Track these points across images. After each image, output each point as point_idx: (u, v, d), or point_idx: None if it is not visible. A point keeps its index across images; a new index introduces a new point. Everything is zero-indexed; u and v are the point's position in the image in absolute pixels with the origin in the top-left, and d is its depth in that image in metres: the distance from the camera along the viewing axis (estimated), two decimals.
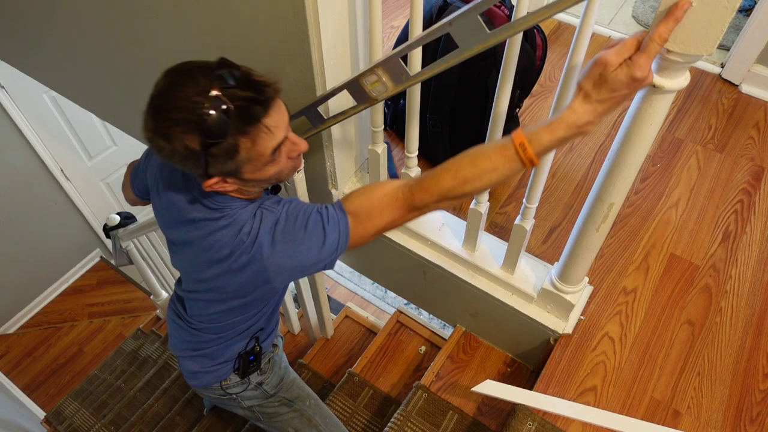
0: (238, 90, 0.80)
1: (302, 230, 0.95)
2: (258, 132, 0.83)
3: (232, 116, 0.79)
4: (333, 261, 0.98)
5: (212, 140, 0.80)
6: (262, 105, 0.82)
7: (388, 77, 0.99)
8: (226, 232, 0.96)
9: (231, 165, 0.86)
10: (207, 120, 0.79)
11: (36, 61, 1.95)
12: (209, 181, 0.89)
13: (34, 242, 3.57)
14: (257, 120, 0.82)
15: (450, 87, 1.51)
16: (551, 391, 1.30)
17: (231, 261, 0.97)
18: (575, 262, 1.22)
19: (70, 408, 2.68)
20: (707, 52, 0.70)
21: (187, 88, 0.80)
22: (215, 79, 0.80)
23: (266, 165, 0.89)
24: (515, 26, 0.82)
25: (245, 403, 1.35)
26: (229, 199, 0.97)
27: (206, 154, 0.82)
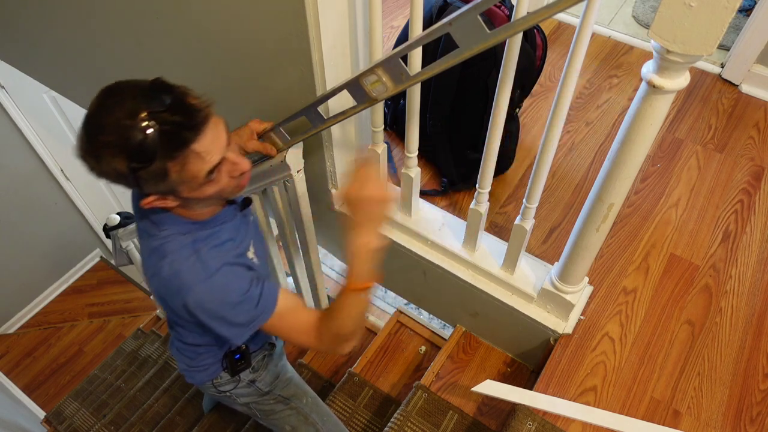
0: (167, 114, 0.78)
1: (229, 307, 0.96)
2: (187, 157, 0.81)
3: (160, 141, 0.78)
4: (242, 335, 1.00)
5: (139, 164, 0.79)
6: (191, 130, 0.80)
7: (388, 77, 0.99)
8: (152, 258, 0.97)
9: (163, 186, 0.85)
10: (134, 144, 0.77)
11: (36, 61, 1.95)
12: (146, 199, 0.88)
13: (34, 242, 3.57)
14: (185, 145, 0.80)
15: (450, 87, 1.51)
16: (551, 391, 1.30)
17: (152, 287, 0.98)
18: (575, 262, 1.22)
19: (70, 408, 2.68)
20: (707, 52, 0.70)
21: (117, 111, 0.78)
22: (145, 102, 0.78)
23: (203, 186, 0.88)
24: (515, 26, 0.82)
25: (241, 400, 1.36)
26: (171, 218, 0.96)
27: (135, 176, 0.81)
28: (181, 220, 0.97)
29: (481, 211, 1.31)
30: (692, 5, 0.67)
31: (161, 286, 0.97)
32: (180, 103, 0.80)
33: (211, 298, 0.95)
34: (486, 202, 1.31)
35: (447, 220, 1.52)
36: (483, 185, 1.25)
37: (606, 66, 2.12)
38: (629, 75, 2.08)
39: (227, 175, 0.91)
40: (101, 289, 3.94)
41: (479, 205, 1.31)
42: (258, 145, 1.26)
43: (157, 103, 0.78)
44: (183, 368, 1.29)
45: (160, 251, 0.96)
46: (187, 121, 0.80)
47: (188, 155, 0.81)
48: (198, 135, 0.81)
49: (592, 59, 2.14)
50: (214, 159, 0.85)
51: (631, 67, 2.12)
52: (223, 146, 0.87)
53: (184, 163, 0.82)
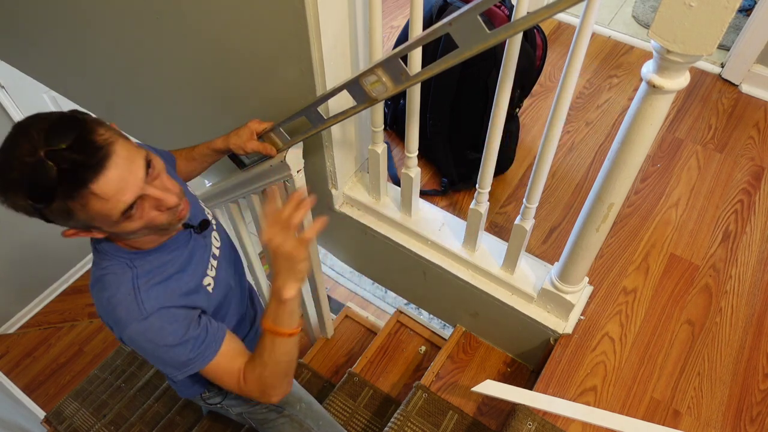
0: (67, 152, 0.74)
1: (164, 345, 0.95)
2: (87, 198, 0.77)
3: (58, 180, 0.74)
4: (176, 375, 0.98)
5: (38, 203, 0.77)
6: (90, 169, 0.76)
7: (388, 77, 0.99)
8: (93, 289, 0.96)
9: (74, 223, 0.82)
10: (32, 182, 0.75)
11: (36, 61, 1.95)
12: (67, 231, 0.85)
13: (34, 242, 3.57)
14: (83, 186, 0.76)
15: (450, 87, 1.51)
16: (551, 391, 1.30)
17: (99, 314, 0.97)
18: (575, 262, 1.22)
19: (70, 408, 2.68)
20: (707, 52, 0.70)
21: (21, 147, 0.75)
22: (48, 138, 0.74)
23: (120, 223, 0.83)
24: (515, 26, 0.82)
25: (233, 411, 1.36)
26: (113, 248, 0.95)
27: (41, 214, 0.79)
28: (124, 251, 0.95)
29: (481, 211, 1.31)
30: (692, 5, 0.67)
31: (102, 314, 0.96)
32: (82, 141, 0.76)
33: (145, 339, 0.93)
34: (486, 202, 1.31)
35: (447, 220, 1.52)
36: (483, 185, 1.25)
37: (606, 66, 2.12)
38: (629, 75, 2.08)
39: (152, 209, 0.86)
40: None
41: (479, 205, 1.31)
42: (258, 145, 1.26)
43: (60, 140, 0.75)
44: (170, 384, 1.29)
45: (101, 282, 0.95)
46: (85, 160, 0.75)
47: (88, 196, 0.77)
48: (97, 175, 0.76)
49: (592, 59, 2.14)
50: (126, 198, 0.80)
51: (631, 67, 2.12)
52: (137, 183, 0.81)
53: (84, 204, 0.78)
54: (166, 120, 1.86)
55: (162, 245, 0.99)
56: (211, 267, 1.09)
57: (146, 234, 0.92)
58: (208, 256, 1.10)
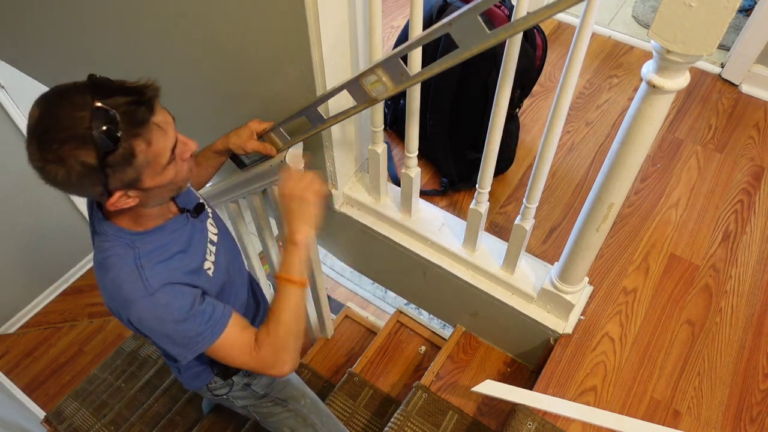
0: (117, 97, 0.80)
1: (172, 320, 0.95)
2: (150, 132, 0.83)
3: (120, 122, 0.79)
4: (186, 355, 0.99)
5: (107, 149, 0.79)
6: (146, 105, 0.82)
7: (388, 77, 0.99)
8: (97, 269, 0.98)
9: (131, 173, 0.84)
10: (96, 131, 0.77)
11: (36, 61, 1.95)
12: (111, 198, 0.87)
13: (34, 242, 3.57)
14: (146, 120, 0.82)
15: (450, 87, 1.51)
16: (551, 391, 1.30)
17: (105, 299, 0.98)
18: (575, 262, 1.22)
19: (71, 408, 2.68)
20: (707, 52, 0.70)
21: (66, 108, 0.78)
22: (91, 92, 0.79)
23: (165, 168, 0.88)
24: (515, 26, 0.82)
25: (238, 403, 1.36)
26: (115, 229, 0.96)
27: (104, 165, 0.80)
28: (126, 232, 0.96)
29: (481, 211, 1.31)
30: (692, 5, 0.67)
31: (108, 299, 0.97)
32: (124, 87, 0.82)
33: (152, 316, 0.94)
34: (486, 202, 1.31)
35: (447, 220, 1.52)
36: (483, 185, 1.25)
37: (606, 66, 2.12)
38: (629, 75, 2.08)
39: (179, 157, 0.92)
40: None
41: (479, 205, 1.31)
42: (258, 145, 1.26)
43: (103, 92, 0.79)
44: (177, 375, 1.30)
45: (104, 265, 0.95)
46: (140, 98, 0.82)
47: (152, 129, 0.83)
48: (152, 109, 0.83)
49: (592, 59, 2.14)
50: (172, 134, 0.88)
51: (631, 67, 2.12)
52: (173, 125, 0.90)
53: (149, 140, 0.83)
54: None
55: (161, 226, 1.00)
56: (209, 252, 1.10)
57: (165, 198, 0.96)
58: (205, 241, 1.11)
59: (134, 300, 0.93)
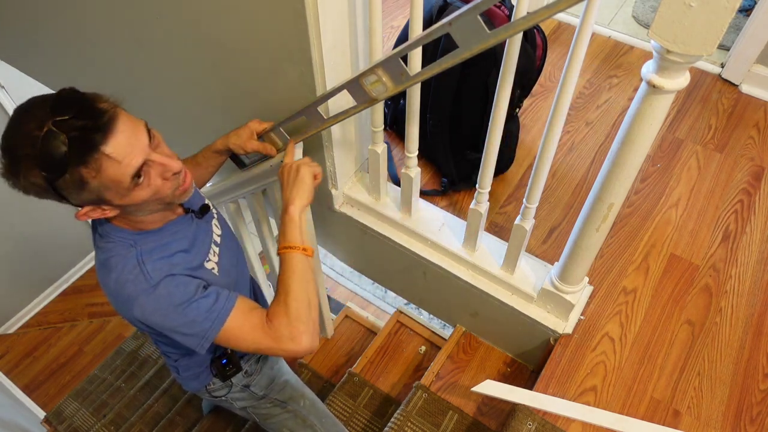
0: (73, 120, 0.77)
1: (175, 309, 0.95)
2: (100, 161, 0.79)
3: (69, 147, 0.77)
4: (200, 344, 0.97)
5: (52, 174, 0.78)
6: (98, 132, 0.79)
7: (388, 77, 0.99)
8: (100, 273, 0.97)
9: (87, 195, 0.83)
10: (43, 154, 0.76)
11: (36, 61, 1.95)
12: (81, 210, 0.87)
13: (34, 242, 3.57)
14: (95, 149, 0.78)
15: (450, 87, 1.51)
16: (551, 391, 1.30)
17: (109, 299, 0.97)
18: (575, 262, 1.22)
19: (71, 408, 2.68)
20: (707, 52, 0.70)
21: (26, 124, 0.78)
22: (52, 111, 0.77)
23: (131, 191, 0.85)
24: (515, 26, 0.82)
25: (237, 404, 1.36)
26: (116, 230, 0.95)
27: (54, 187, 0.80)
28: (127, 232, 0.96)
29: (481, 211, 1.31)
30: (692, 5, 0.67)
31: (112, 299, 0.97)
32: (85, 108, 0.79)
33: (157, 308, 0.94)
34: (486, 202, 1.31)
35: (447, 220, 1.52)
36: (483, 185, 1.25)
37: (606, 66, 2.12)
38: (629, 75, 2.08)
39: (158, 177, 0.89)
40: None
41: (479, 205, 1.31)
42: (258, 145, 1.26)
43: (64, 111, 0.78)
44: (176, 377, 1.30)
45: (106, 265, 0.95)
46: (93, 124, 0.78)
47: (100, 159, 0.79)
48: (107, 137, 0.79)
49: (592, 59, 2.14)
50: (135, 162, 0.83)
51: (631, 67, 2.12)
52: (143, 148, 0.84)
53: (98, 168, 0.80)
54: (167, 120, 1.86)
55: (163, 227, 1.00)
56: (213, 253, 1.10)
57: (153, 209, 0.94)
58: (209, 242, 1.11)
59: (137, 295, 0.93)
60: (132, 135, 0.83)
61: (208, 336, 0.96)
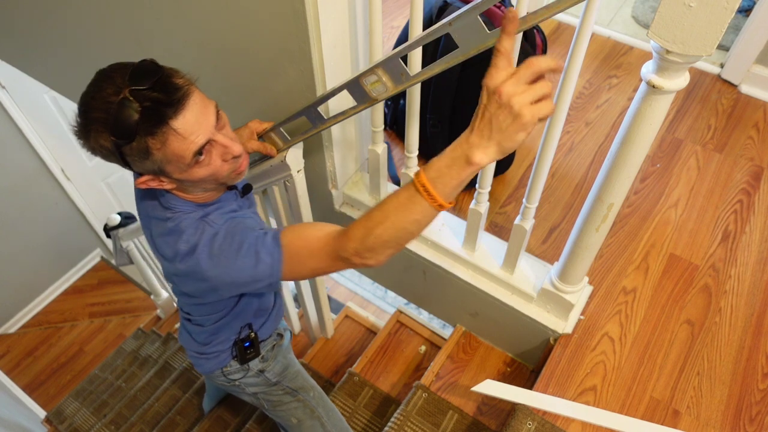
0: (148, 91, 0.80)
1: (236, 251, 0.94)
2: (167, 135, 0.82)
3: (140, 117, 0.80)
4: (272, 284, 0.96)
5: (121, 140, 0.81)
6: (170, 107, 0.81)
7: (388, 77, 0.99)
8: (169, 239, 0.97)
9: (150, 165, 0.86)
10: (116, 120, 0.80)
11: (36, 61, 1.95)
12: (141, 178, 0.90)
13: (34, 242, 3.57)
14: (164, 122, 0.81)
15: (450, 87, 1.51)
16: (551, 391, 1.30)
17: (175, 266, 0.98)
18: (575, 262, 1.23)
19: (71, 407, 2.69)
20: (707, 52, 0.71)
21: (104, 89, 0.81)
22: (131, 80, 0.80)
23: (191, 167, 0.88)
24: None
25: (249, 390, 1.36)
26: (177, 200, 0.97)
27: (121, 153, 0.83)
28: (191, 204, 0.98)
29: (481, 211, 1.32)
30: (692, 5, 0.67)
31: (183, 264, 0.96)
32: (162, 82, 0.82)
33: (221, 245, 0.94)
34: (486, 202, 1.31)
35: (447, 220, 1.53)
36: (483, 185, 1.25)
37: (606, 66, 2.12)
38: (629, 75, 2.09)
39: (219, 158, 0.91)
40: (101, 289, 3.94)
41: (479, 205, 1.31)
42: (258, 145, 1.26)
43: (142, 80, 0.80)
44: (192, 356, 1.30)
45: (176, 231, 0.96)
46: (166, 98, 0.81)
47: (168, 133, 0.82)
48: (177, 112, 0.82)
49: (592, 59, 2.14)
50: (199, 140, 0.85)
51: (631, 67, 2.12)
52: (209, 128, 0.87)
53: (164, 141, 0.82)
54: None
55: (217, 200, 1.02)
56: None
57: (207, 187, 0.96)
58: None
59: (205, 241, 0.94)
60: (201, 114, 0.85)
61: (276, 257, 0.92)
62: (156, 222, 1.00)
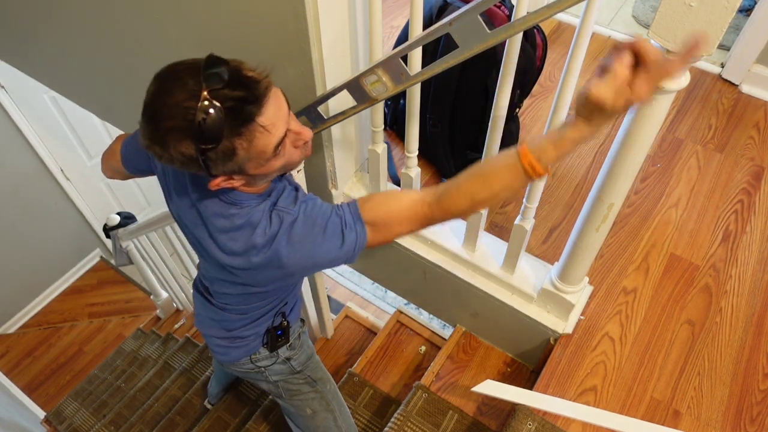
0: (228, 90, 0.77)
1: (321, 234, 0.94)
2: (253, 132, 0.80)
3: (225, 119, 0.77)
4: (351, 259, 0.97)
5: (206, 145, 0.78)
6: (254, 104, 0.79)
7: (388, 77, 0.99)
8: (239, 234, 0.95)
9: (232, 165, 0.83)
10: (199, 125, 0.76)
11: (36, 61, 1.95)
12: (214, 181, 0.87)
13: (34, 242, 3.57)
14: (251, 120, 0.79)
15: (450, 87, 1.51)
16: (551, 391, 1.30)
17: (248, 260, 0.96)
18: (575, 262, 1.22)
19: (70, 408, 2.69)
20: (707, 52, 0.70)
21: (177, 94, 0.77)
22: (204, 80, 0.77)
23: (269, 161, 0.86)
24: (515, 26, 0.82)
25: (272, 378, 1.36)
26: (241, 194, 0.96)
27: (204, 158, 0.80)
28: (254, 197, 0.97)
29: (481, 211, 1.31)
30: (692, 5, 0.67)
31: (258, 253, 0.95)
32: (238, 78, 0.78)
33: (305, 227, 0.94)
34: None
35: None
36: None
37: None
38: None
39: (291, 145, 0.89)
40: (101, 289, 3.94)
41: None
42: None
43: (216, 80, 0.77)
44: (220, 345, 1.28)
45: (248, 225, 0.95)
46: (249, 95, 0.78)
47: (254, 130, 0.80)
48: (261, 107, 0.79)
49: (592, 59, 2.14)
50: (280, 131, 0.83)
51: None
52: (286, 117, 0.85)
53: (251, 139, 0.80)
54: None
55: (272, 187, 1.01)
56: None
57: (273, 177, 0.95)
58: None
59: (284, 229, 0.93)
60: (277, 105, 0.83)
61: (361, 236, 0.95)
62: (217, 219, 0.97)
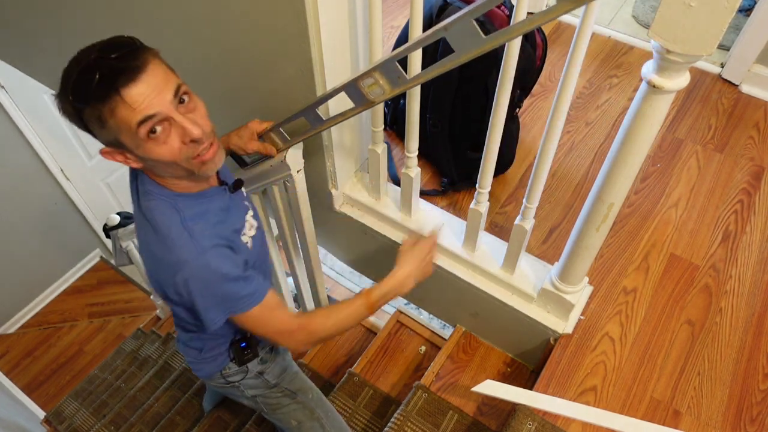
0: (112, 60, 0.81)
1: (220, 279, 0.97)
2: (116, 102, 0.82)
3: (95, 83, 0.81)
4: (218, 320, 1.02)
5: (77, 104, 0.83)
6: (124, 75, 0.81)
7: (385, 80, 0.99)
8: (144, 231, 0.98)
9: (107, 134, 0.86)
10: (75, 83, 0.82)
11: (36, 61, 1.95)
12: (104, 148, 0.91)
13: (34, 242, 3.57)
14: (115, 89, 0.81)
15: (450, 87, 1.51)
16: (551, 391, 1.30)
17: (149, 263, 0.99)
18: (575, 262, 1.22)
19: (70, 408, 2.68)
20: (707, 52, 0.70)
21: (80, 59, 0.83)
22: (102, 49, 0.82)
23: (146, 142, 0.86)
24: (511, 32, 0.82)
25: (248, 393, 1.36)
26: (157, 187, 0.98)
27: (82, 119, 0.85)
28: (168, 192, 0.98)
29: (481, 211, 1.31)
30: (692, 5, 0.67)
31: (153, 262, 0.97)
32: (127, 52, 0.83)
33: (208, 272, 0.95)
34: (486, 202, 1.31)
35: (447, 220, 1.52)
36: (483, 185, 1.25)
37: (606, 66, 2.12)
38: (629, 75, 2.08)
39: (178, 139, 0.89)
40: (101, 289, 3.94)
41: (479, 205, 1.31)
42: (258, 145, 1.26)
43: (110, 51, 0.82)
44: (191, 361, 1.30)
45: (150, 224, 0.96)
46: (123, 66, 0.81)
47: (117, 100, 0.82)
48: (128, 82, 0.81)
49: (592, 59, 2.14)
50: (146, 111, 0.83)
51: (631, 67, 2.12)
52: (164, 103, 0.85)
53: (113, 108, 0.82)
54: None
55: (202, 192, 1.01)
56: (250, 227, 1.13)
57: (177, 173, 0.95)
58: (243, 217, 1.12)
59: (187, 260, 0.94)
60: (155, 89, 0.84)
61: (243, 306, 1.01)
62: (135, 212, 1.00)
